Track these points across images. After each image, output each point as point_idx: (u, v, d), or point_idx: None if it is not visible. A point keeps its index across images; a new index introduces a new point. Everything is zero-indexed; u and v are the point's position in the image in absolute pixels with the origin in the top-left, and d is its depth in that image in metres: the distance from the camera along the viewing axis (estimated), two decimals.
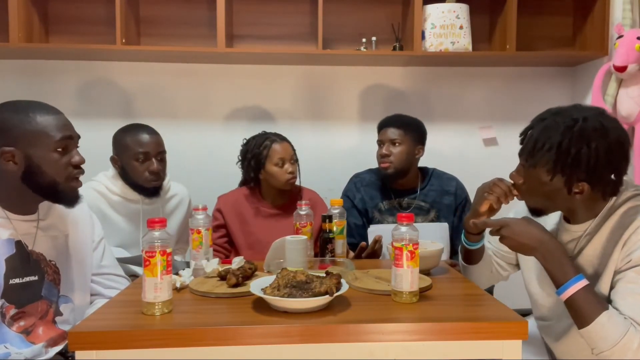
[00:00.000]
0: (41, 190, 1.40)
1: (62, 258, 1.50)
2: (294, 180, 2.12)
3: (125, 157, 2.02)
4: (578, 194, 1.27)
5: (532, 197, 1.36)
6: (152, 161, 2.01)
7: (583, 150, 1.22)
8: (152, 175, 2.01)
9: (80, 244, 1.55)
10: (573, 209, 1.33)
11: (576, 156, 1.22)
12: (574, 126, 1.24)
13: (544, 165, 1.27)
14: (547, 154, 1.25)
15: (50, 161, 1.37)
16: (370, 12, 2.71)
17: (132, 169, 2.01)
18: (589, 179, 1.24)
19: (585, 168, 1.23)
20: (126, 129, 2.07)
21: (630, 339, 1.16)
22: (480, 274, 1.60)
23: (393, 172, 2.16)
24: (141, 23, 2.64)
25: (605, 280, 1.27)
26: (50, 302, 1.45)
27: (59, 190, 1.40)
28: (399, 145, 2.14)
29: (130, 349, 1.10)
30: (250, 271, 1.48)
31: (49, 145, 1.37)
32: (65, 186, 1.41)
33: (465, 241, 1.56)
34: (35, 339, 1.40)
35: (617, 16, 2.42)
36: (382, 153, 2.17)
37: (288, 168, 2.09)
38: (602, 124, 1.24)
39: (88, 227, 1.60)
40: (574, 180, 1.25)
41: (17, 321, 1.38)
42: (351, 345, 1.14)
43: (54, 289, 1.46)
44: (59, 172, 1.39)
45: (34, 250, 1.43)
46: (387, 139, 2.16)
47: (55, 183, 1.39)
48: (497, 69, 2.81)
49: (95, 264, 1.60)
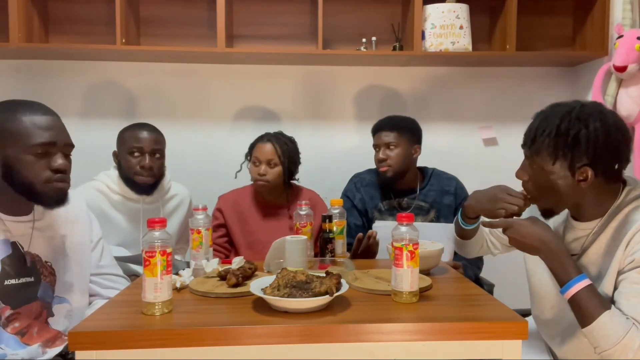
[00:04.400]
0: (20, 190, 1.37)
1: (59, 259, 1.49)
2: (264, 184, 2.09)
3: (122, 152, 2.05)
4: (583, 181, 1.27)
5: (539, 194, 1.36)
6: (144, 156, 2.02)
7: (582, 131, 1.25)
8: (143, 170, 2.02)
9: (77, 244, 1.55)
10: (581, 204, 1.33)
11: (575, 137, 1.25)
12: (572, 111, 1.28)
13: (545, 150, 1.29)
14: (547, 139, 1.28)
15: (25, 163, 1.34)
16: (370, 12, 2.71)
17: (125, 162, 2.03)
18: (590, 162, 1.25)
19: (585, 149, 1.25)
20: (130, 126, 2.10)
21: (632, 339, 1.16)
22: (472, 248, 1.67)
23: (392, 175, 2.15)
24: (141, 23, 2.64)
25: (609, 280, 1.28)
26: (45, 303, 1.44)
27: (36, 192, 1.36)
28: (395, 148, 2.14)
29: (130, 349, 1.10)
30: (250, 271, 1.48)
31: (25, 147, 1.33)
32: (44, 188, 1.36)
33: (462, 222, 1.58)
34: (30, 340, 1.40)
35: (617, 16, 2.42)
36: (379, 158, 2.16)
37: (260, 169, 2.09)
38: (599, 110, 1.29)
39: (86, 227, 1.60)
40: (576, 163, 1.26)
41: (12, 322, 1.37)
42: (351, 345, 1.14)
43: (50, 290, 1.45)
44: (35, 175, 1.35)
45: (30, 251, 1.42)
46: (383, 143, 2.15)
47: (31, 184, 1.35)
48: (497, 69, 2.81)
49: (93, 264, 1.59)
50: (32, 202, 1.41)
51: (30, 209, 1.44)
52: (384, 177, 2.17)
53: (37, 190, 1.36)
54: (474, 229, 1.60)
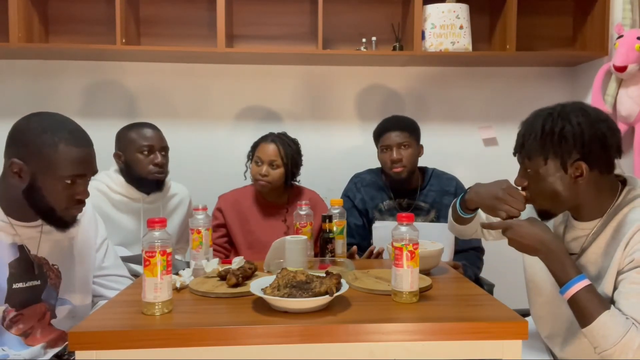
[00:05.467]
0: (38, 211, 1.37)
1: (66, 261, 1.49)
2: (264, 184, 2.09)
3: (130, 151, 2.04)
4: (579, 177, 1.28)
5: (539, 197, 1.36)
6: (156, 154, 2.04)
7: (566, 127, 1.27)
8: (157, 168, 2.03)
9: (83, 245, 1.55)
10: (581, 204, 1.33)
11: (561, 133, 1.27)
12: (554, 112, 1.32)
13: (535, 152, 1.31)
14: (534, 141, 1.30)
15: (54, 191, 1.35)
16: (370, 12, 2.71)
17: (136, 162, 2.02)
18: (582, 156, 1.27)
19: (573, 143, 1.26)
20: (130, 126, 2.10)
21: (632, 339, 1.16)
22: (465, 232, 1.69)
23: (406, 176, 2.14)
24: (141, 23, 2.64)
25: (608, 280, 1.28)
26: (49, 305, 1.45)
27: (55, 217, 1.38)
28: (408, 148, 2.13)
29: (130, 349, 1.10)
30: (250, 271, 1.48)
31: (57, 176, 1.34)
32: (62, 214, 1.38)
33: (460, 211, 1.59)
34: (33, 341, 1.40)
35: (617, 16, 2.42)
36: (393, 158, 2.12)
37: (262, 169, 2.09)
38: (580, 107, 1.32)
39: (92, 228, 1.60)
40: (567, 160, 1.27)
41: (16, 324, 1.38)
42: (351, 345, 1.14)
43: (54, 292, 1.46)
44: (59, 202, 1.36)
45: (37, 255, 1.43)
46: (395, 143, 2.12)
47: (52, 210, 1.36)
48: (497, 69, 2.81)
49: (97, 265, 1.59)
50: (47, 223, 1.41)
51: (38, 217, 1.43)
52: (397, 177, 2.14)
53: (55, 215, 1.38)
54: (471, 217, 1.60)
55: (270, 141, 2.11)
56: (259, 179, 2.09)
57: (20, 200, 1.36)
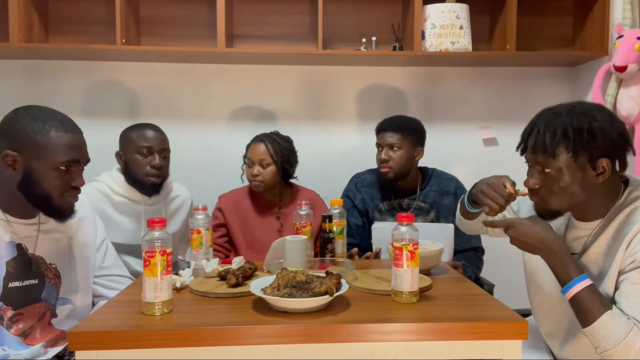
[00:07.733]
0: (34, 201, 1.38)
1: (64, 260, 1.49)
2: (257, 184, 2.09)
3: (129, 152, 2.03)
4: (601, 174, 1.27)
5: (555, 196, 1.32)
6: (154, 156, 2.02)
7: (593, 124, 1.26)
8: (154, 170, 2.01)
9: (82, 245, 1.55)
10: (588, 203, 1.32)
11: (590, 130, 1.25)
12: (573, 109, 1.30)
13: (564, 150, 1.27)
14: (562, 138, 1.26)
15: (49, 178, 1.35)
16: (370, 12, 2.71)
17: (134, 162, 2.01)
18: (607, 151, 1.26)
19: (602, 140, 1.25)
20: (133, 126, 2.09)
21: (633, 339, 1.16)
22: (471, 226, 1.69)
23: (393, 177, 2.15)
24: (141, 23, 2.64)
25: (610, 279, 1.28)
26: (49, 305, 1.45)
27: (52, 206, 1.39)
28: (398, 150, 2.13)
29: (130, 349, 1.11)
30: (250, 271, 1.48)
31: (51, 163, 1.35)
32: (59, 202, 1.39)
33: (468, 206, 1.57)
34: (33, 341, 1.40)
35: (617, 16, 2.42)
36: (381, 158, 2.15)
37: (253, 170, 2.09)
38: (596, 105, 1.33)
39: (91, 228, 1.60)
40: (596, 156, 1.26)
41: (16, 324, 1.38)
42: (351, 345, 1.14)
43: (54, 292, 1.46)
44: (55, 189, 1.37)
45: (35, 253, 1.43)
46: (386, 144, 2.14)
47: (49, 198, 1.37)
48: (497, 69, 2.80)
49: (97, 265, 1.60)
50: (44, 213, 1.42)
51: (36, 212, 1.44)
52: (384, 177, 2.17)
53: (52, 204, 1.38)
54: (478, 212, 1.59)
55: (259, 141, 2.12)
56: (252, 180, 2.10)
57: (17, 195, 1.37)
